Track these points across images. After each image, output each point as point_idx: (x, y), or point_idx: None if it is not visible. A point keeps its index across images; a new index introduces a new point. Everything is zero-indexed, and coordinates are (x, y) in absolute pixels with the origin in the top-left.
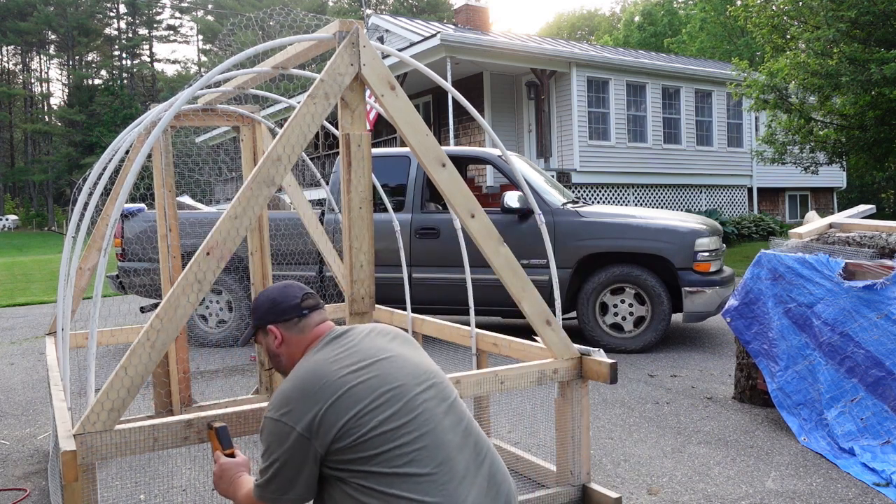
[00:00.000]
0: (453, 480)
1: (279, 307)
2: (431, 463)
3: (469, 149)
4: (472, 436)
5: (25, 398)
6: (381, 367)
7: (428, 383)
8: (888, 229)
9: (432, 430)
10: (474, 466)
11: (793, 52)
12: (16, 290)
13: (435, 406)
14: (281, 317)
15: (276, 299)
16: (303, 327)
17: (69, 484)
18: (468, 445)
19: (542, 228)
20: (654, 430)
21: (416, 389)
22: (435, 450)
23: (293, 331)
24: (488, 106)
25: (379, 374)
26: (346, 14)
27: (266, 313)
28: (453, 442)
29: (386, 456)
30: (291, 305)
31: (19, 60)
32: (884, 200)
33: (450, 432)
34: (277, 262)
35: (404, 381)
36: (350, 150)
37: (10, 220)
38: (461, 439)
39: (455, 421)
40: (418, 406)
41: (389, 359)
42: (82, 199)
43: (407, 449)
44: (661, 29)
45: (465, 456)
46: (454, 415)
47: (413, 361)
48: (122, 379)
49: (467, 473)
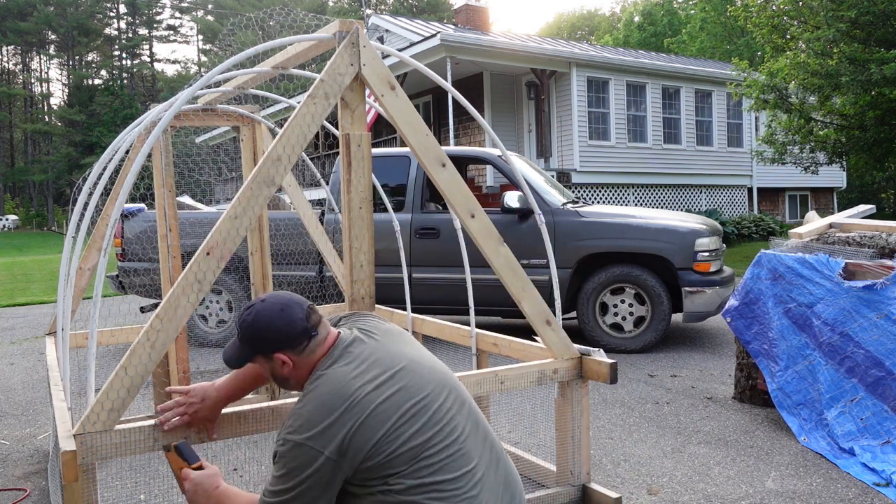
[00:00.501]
0: (475, 486)
1: (286, 335)
2: (456, 471)
3: (469, 149)
4: (489, 439)
5: (25, 398)
6: (403, 378)
7: (447, 389)
8: (888, 229)
9: (457, 438)
10: (493, 471)
11: (793, 52)
12: (16, 290)
13: (457, 412)
14: (289, 345)
15: (280, 328)
16: (313, 347)
17: (69, 484)
18: (486, 449)
19: (542, 228)
20: (654, 430)
21: (440, 398)
22: (460, 458)
23: (303, 354)
24: (488, 106)
25: (402, 385)
26: (346, 14)
27: (271, 343)
28: (475, 448)
29: (414, 467)
30: (299, 331)
31: (19, 60)
32: (884, 200)
33: (471, 437)
34: (277, 262)
35: (428, 390)
36: (350, 150)
37: (10, 220)
38: (481, 444)
39: (474, 426)
40: (444, 416)
41: (407, 367)
42: (82, 199)
43: (434, 459)
44: (661, 29)
45: (485, 460)
46: (473, 419)
47: (427, 366)
48: (122, 379)
49: (486, 478)
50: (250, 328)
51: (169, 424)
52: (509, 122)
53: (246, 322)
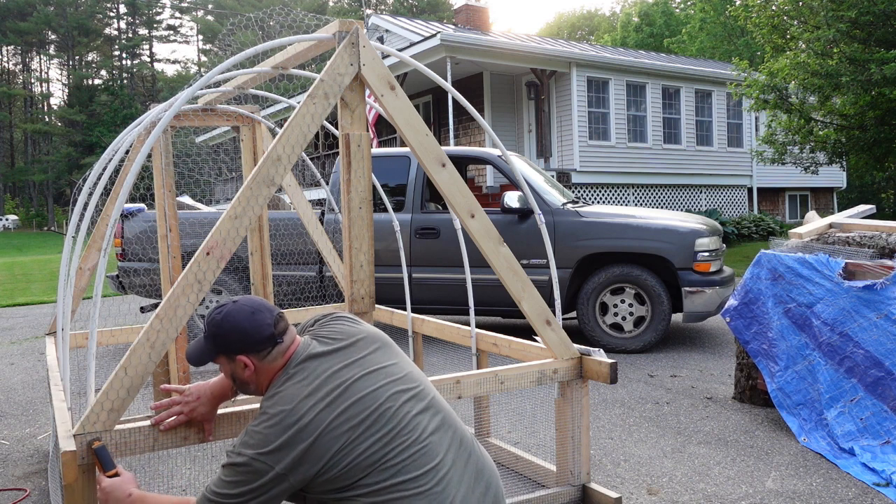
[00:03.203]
0: (441, 482)
1: (251, 339)
2: (419, 469)
3: (469, 149)
4: (456, 433)
5: (25, 398)
6: (358, 390)
7: (406, 389)
8: (888, 229)
9: (418, 438)
10: (461, 463)
11: (793, 52)
12: (16, 290)
13: (420, 412)
14: (253, 348)
15: (247, 331)
16: (276, 355)
17: (69, 484)
18: (454, 443)
19: (542, 228)
20: (654, 430)
21: (399, 401)
22: (421, 456)
23: (266, 360)
24: (488, 106)
25: (357, 399)
26: (346, 14)
27: (234, 343)
28: (440, 443)
29: (374, 473)
30: (265, 337)
31: (19, 60)
32: (884, 200)
33: (436, 433)
34: (277, 262)
35: (384, 396)
36: (350, 150)
37: (10, 220)
38: (448, 439)
39: (440, 421)
40: (402, 418)
41: (363, 377)
42: (82, 199)
43: (394, 461)
44: (658, 30)
45: (451, 454)
46: (436, 415)
47: (386, 370)
48: (122, 379)
49: (454, 472)
50: (217, 327)
51: (166, 424)
52: (509, 122)
53: (214, 321)
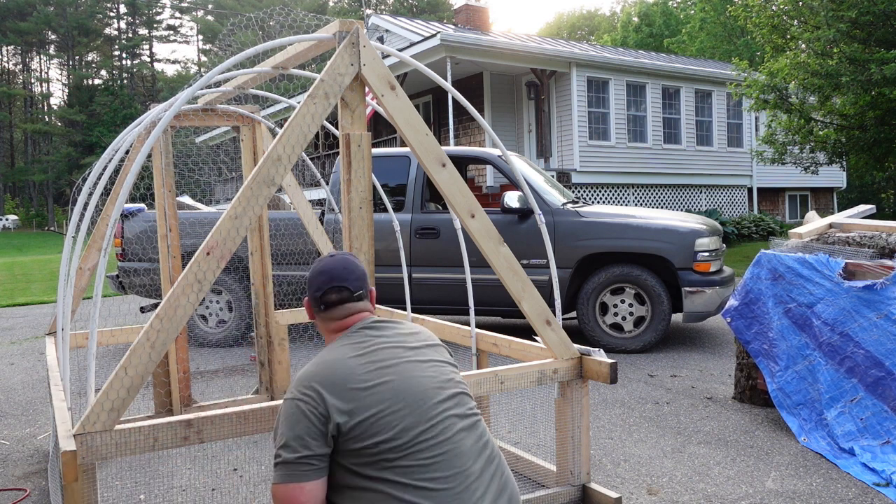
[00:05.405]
0: (467, 490)
1: (309, 289)
2: (448, 472)
3: (469, 149)
4: (487, 445)
5: (25, 398)
6: (401, 372)
7: (447, 392)
8: (888, 229)
9: (449, 438)
10: (488, 475)
11: (793, 52)
12: (16, 290)
13: (454, 415)
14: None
15: (311, 280)
16: (325, 318)
17: (69, 484)
18: (483, 455)
19: (542, 228)
20: (654, 430)
21: (436, 397)
22: (452, 459)
23: (319, 316)
24: (488, 106)
25: (397, 378)
26: (346, 14)
27: (307, 286)
28: (470, 452)
29: (403, 464)
30: (314, 297)
31: (19, 60)
32: (884, 200)
33: (466, 441)
34: (277, 262)
35: (423, 389)
36: (350, 150)
37: (10, 220)
38: (479, 449)
39: (474, 433)
40: (436, 416)
41: (411, 363)
42: (82, 199)
43: (424, 454)
44: (658, 30)
45: (479, 465)
46: (472, 425)
47: (431, 370)
48: (122, 379)
49: (480, 482)
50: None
51: None
52: (509, 122)
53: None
